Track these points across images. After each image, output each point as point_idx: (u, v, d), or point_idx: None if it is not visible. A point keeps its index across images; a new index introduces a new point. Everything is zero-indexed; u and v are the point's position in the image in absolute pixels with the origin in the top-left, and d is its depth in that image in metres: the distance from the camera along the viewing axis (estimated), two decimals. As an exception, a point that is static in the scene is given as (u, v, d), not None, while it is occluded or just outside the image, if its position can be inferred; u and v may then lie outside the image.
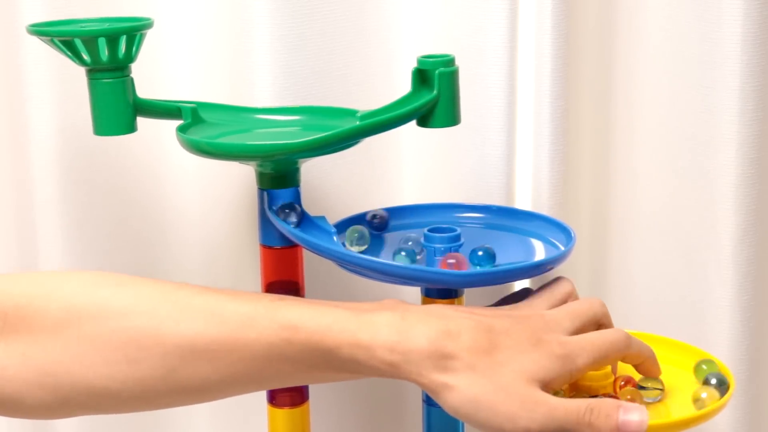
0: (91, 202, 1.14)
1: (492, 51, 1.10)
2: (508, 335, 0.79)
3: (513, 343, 0.78)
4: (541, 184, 1.12)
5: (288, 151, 0.93)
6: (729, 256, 1.12)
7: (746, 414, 1.16)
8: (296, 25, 1.09)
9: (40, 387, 0.79)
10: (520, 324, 0.81)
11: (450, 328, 0.78)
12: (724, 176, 1.10)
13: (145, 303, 0.79)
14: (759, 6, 1.06)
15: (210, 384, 0.79)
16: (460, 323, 0.78)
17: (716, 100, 1.09)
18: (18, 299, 0.80)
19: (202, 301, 0.79)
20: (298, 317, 0.78)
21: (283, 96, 1.10)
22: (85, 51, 0.94)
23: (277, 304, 0.79)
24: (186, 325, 0.78)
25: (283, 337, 0.77)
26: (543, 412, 0.76)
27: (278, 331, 0.77)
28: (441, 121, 0.96)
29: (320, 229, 0.97)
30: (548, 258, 0.96)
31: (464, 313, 0.81)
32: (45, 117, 1.10)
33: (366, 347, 0.77)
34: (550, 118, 1.10)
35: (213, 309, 0.79)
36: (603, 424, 0.77)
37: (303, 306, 0.79)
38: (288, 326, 0.77)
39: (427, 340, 0.77)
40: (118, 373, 0.78)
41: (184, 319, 0.78)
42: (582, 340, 0.82)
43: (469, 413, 0.76)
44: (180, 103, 1.01)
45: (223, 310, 0.78)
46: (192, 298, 0.80)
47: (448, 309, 0.82)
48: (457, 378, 0.76)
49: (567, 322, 0.84)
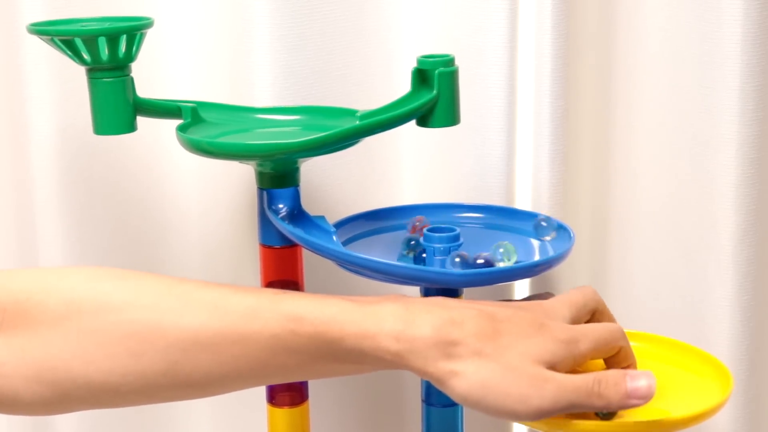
0: (90, 201, 1.14)
1: (492, 51, 1.10)
2: (511, 321, 0.79)
3: (516, 329, 0.79)
4: (541, 184, 1.12)
5: (288, 150, 0.93)
6: (729, 256, 1.12)
7: (746, 414, 1.16)
8: (296, 25, 1.09)
9: (39, 382, 0.79)
10: (521, 311, 0.81)
11: (454, 317, 0.78)
12: (724, 176, 1.10)
13: (146, 296, 0.79)
14: (759, 6, 1.06)
15: (212, 378, 0.79)
16: (463, 312, 0.78)
17: (716, 100, 1.09)
18: (17, 294, 0.80)
19: (205, 294, 0.79)
20: (302, 308, 0.77)
21: (283, 96, 1.10)
22: (85, 50, 0.94)
23: (281, 297, 0.79)
24: (188, 318, 0.78)
25: (288, 329, 0.77)
26: (552, 389, 0.76)
27: (283, 322, 0.77)
28: (441, 121, 0.96)
29: (320, 229, 0.97)
30: (548, 258, 0.96)
31: (466, 304, 0.81)
32: (45, 117, 1.11)
33: (371, 337, 0.77)
34: (550, 118, 1.10)
35: (216, 301, 0.78)
36: (613, 393, 0.77)
37: (307, 298, 0.79)
38: (293, 317, 0.77)
39: (432, 328, 0.77)
40: (119, 367, 0.78)
41: (187, 312, 0.78)
42: (583, 327, 0.83)
43: (478, 399, 0.76)
44: (180, 102, 1.01)
45: (227, 303, 0.78)
46: (194, 291, 0.79)
47: (451, 300, 0.82)
48: (464, 364, 0.76)
49: (565, 311, 0.84)
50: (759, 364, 1.16)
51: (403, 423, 1.22)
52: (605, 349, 0.84)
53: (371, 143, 1.04)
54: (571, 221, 1.08)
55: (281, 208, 0.98)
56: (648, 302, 1.19)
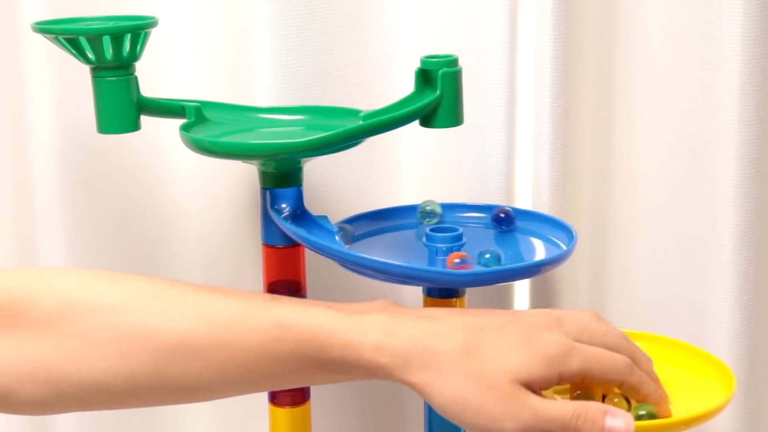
0: (91, 201, 1.14)
1: (492, 51, 1.10)
2: (499, 332, 0.78)
3: (502, 342, 0.77)
4: (541, 184, 1.13)
5: (291, 150, 0.94)
6: (729, 256, 1.12)
7: (746, 414, 1.16)
8: (296, 25, 1.09)
9: (33, 381, 0.79)
10: (516, 321, 0.80)
11: (438, 329, 0.77)
12: (724, 176, 1.11)
13: (138, 299, 0.79)
14: (759, 6, 1.06)
15: (200, 382, 0.79)
16: (449, 323, 0.78)
17: (716, 100, 1.10)
18: (12, 293, 0.80)
19: (195, 298, 0.79)
20: (289, 316, 0.78)
21: (283, 96, 1.10)
22: (89, 49, 0.94)
23: (269, 304, 0.79)
24: (178, 321, 0.78)
25: (275, 336, 0.77)
26: (528, 415, 0.75)
27: (269, 329, 0.77)
28: (444, 121, 0.96)
29: (322, 229, 0.98)
30: (550, 258, 0.96)
31: (455, 315, 0.80)
32: (45, 117, 1.10)
33: (355, 347, 0.77)
34: (550, 118, 1.10)
35: (205, 306, 0.79)
36: (588, 429, 0.77)
37: (295, 305, 0.79)
38: (279, 325, 0.77)
39: (414, 341, 0.76)
40: (110, 367, 0.78)
41: (176, 315, 0.78)
42: (584, 347, 0.80)
43: (456, 413, 0.76)
44: (184, 101, 1.01)
45: (215, 308, 0.78)
46: (185, 295, 0.80)
47: (440, 311, 0.81)
48: (443, 378, 0.76)
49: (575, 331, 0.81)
50: (759, 364, 1.16)
51: (405, 423, 1.22)
52: (601, 377, 0.80)
53: (372, 143, 1.04)
54: (571, 221, 1.08)
55: (284, 208, 0.98)
56: (648, 302, 1.19)
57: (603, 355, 0.80)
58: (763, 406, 1.18)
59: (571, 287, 1.19)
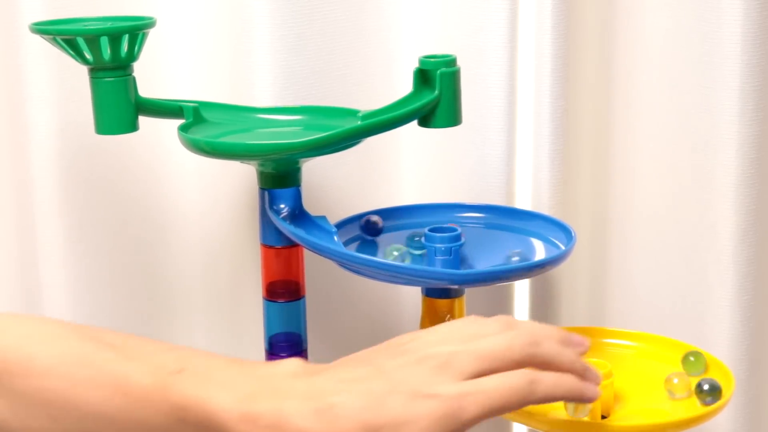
0: (91, 202, 1.14)
1: (492, 51, 1.10)
2: (389, 396, 0.74)
3: (391, 409, 0.73)
4: (541, 184, 1.13)
5: (289, 150, 0.94)
6: (729, 256, 1.12)
7: (746, 414, 1.16)
8: (296, 25, 1.09)
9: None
10: (402, 380, 0.75)
11: (322, 407, 0.74)
12: (724, 176, 1.11)
13: (65, 365, 0.79)
14: (759, 6, 1.06)
15: None
16: (340, 397, 0.74)
17: (716, 100, 1.09)
18: None
19: (114, 368, 0.79)
20: (189, 395, 0.77)
21: (283, 96, 1.10)
22: (87, 50, 0.94)
23: (175, 379, 0.78)
24: (95, 393, 0.78)
25: (176, 417, 0.77)
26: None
27: (171, 411, 0.77)
28: (442, 121, 0.96)
29: (321, 229, 0.97)
30: (549, 258, 0.96)
31: (346, 383, 0.76)
32: (45, 117, 1.10)
33: (252, 422, 0.75)
34: (550, 118, 1.10)
35: (120, 379, 0.78)
36: None
37: (199, 380, 0.78)
38: (180, 407, 0.77)
39: (302, 419, 0.73)
40: (44, 429, 0.79)
41: (95, 386, 0.79)
42: (474, 388, 0.74)
43: None
44: (182, 102, 1.01)
45: (128, 381, 0.78)
46: (107, 363, 0.79)
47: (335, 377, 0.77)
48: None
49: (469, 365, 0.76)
50: (759, 364, 1.16)
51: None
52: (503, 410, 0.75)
53: (372, 143, 1.04)
54: (571, 221, 1.08)
55: (282, 208, 0.98)
56: (648, 302, 1.19)
57: (496, 389, 0.75)
58: (763, 406, 1.18)
59: (570, 287, 1.19)
